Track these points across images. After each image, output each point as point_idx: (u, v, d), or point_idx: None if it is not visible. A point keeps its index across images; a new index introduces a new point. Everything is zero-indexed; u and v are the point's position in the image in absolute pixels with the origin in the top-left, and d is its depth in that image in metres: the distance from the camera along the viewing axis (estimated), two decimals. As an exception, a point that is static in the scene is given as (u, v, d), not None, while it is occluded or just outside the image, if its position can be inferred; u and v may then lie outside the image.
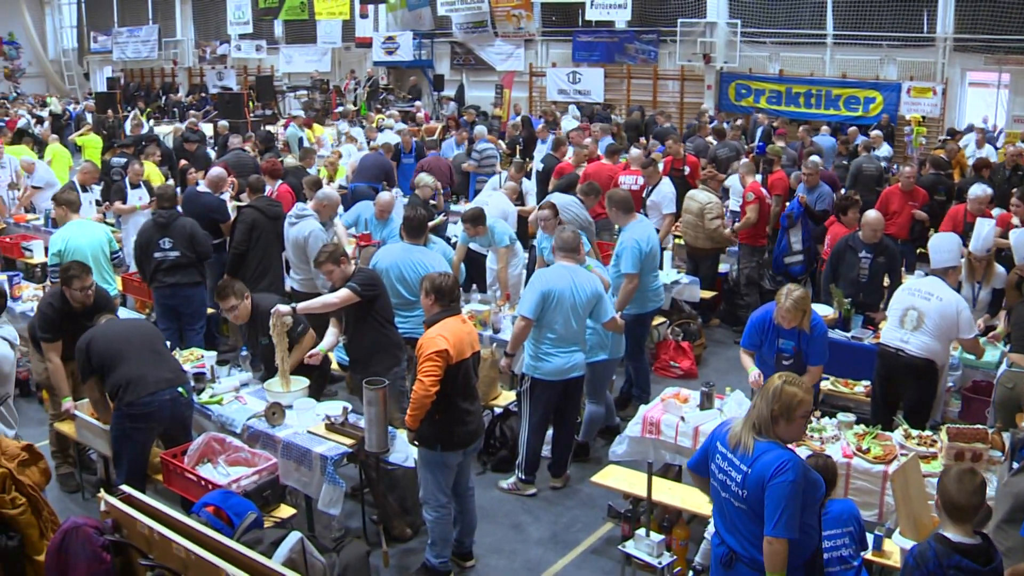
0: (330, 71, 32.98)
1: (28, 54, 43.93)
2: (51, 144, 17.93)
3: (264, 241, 10.03)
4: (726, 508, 4.73)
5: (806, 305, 6.94)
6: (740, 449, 4.61)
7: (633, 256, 8.67)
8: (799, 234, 11.39)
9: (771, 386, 4.60)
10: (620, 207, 9.06)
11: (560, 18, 27.45)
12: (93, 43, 43.13)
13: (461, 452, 6.40)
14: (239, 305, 7.49)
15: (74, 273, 7.43)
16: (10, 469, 4.16)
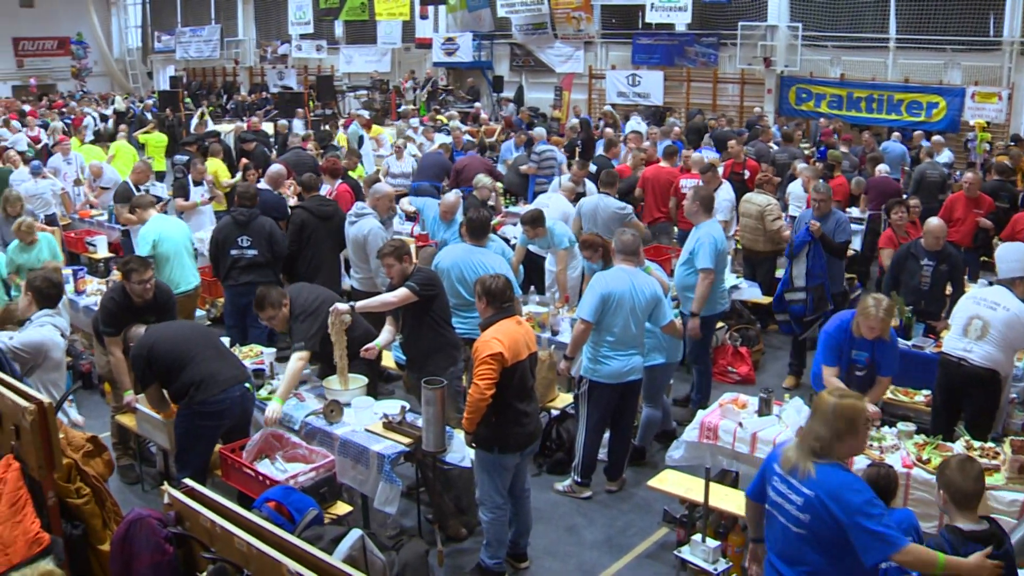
0: (390, 71, 33.11)
1: (94, 53, 44.69)
2: (116, 141, 18.21)
3: (315, 241, 10.12)
4: (783, 534, 4.61)
5: (895, 314, 6.88)
6: (799, 473, 4.47)
7: (710, 252, 8.72)
8: (803, 267, 9.74)
9: (825, 406, 4.47)
10: (704, 204, 9.04)
11: (620, 20, 27.33)
12: (157, 43, 43.75)
13: (518, 454, 6.41)
14: (276, 315, 7.46)
15: (133, 267, 7.55)
16: (75, 460, 4.23)
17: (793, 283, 9.76)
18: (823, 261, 9.69)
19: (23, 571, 3.83)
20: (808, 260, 9.65)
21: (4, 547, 3.86)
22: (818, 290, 9.71)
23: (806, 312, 9.75)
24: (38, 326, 6.88)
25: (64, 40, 44.67)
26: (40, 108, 32.13)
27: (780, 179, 13.24)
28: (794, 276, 9.75)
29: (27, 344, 6.66)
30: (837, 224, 9.97)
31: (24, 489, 3.97)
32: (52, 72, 44.38)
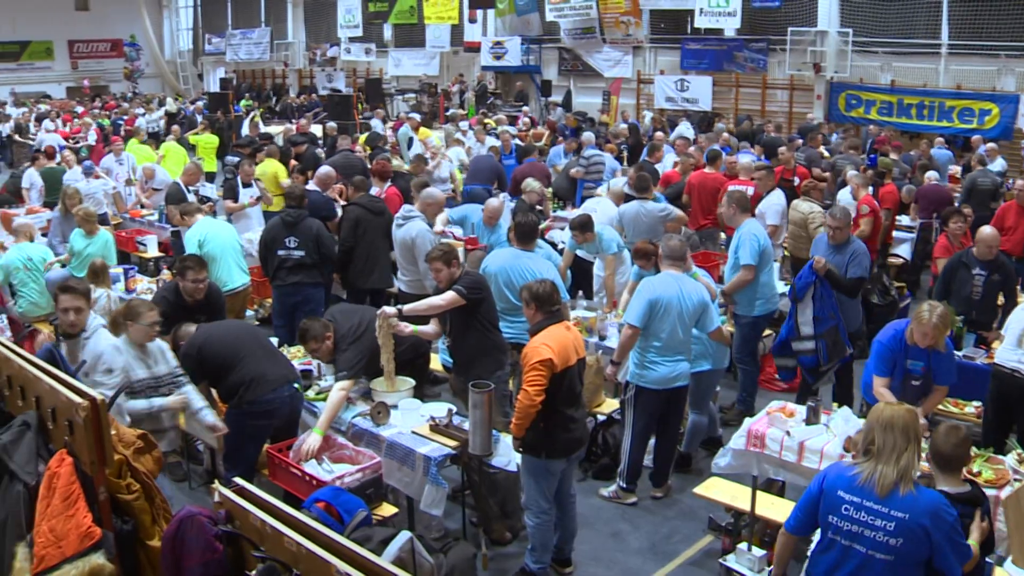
0: (438, 75, 33.23)
1: (146, 55, 45.28)
2: (167, 141, 18.41)
3: (370, 236, 10.17)
4: (862, 564, 4.47)
5: (949, 322, 6.80)
6: (891, 495, 4.37)
7: (753, 248, 8.74)
8: (809, 312, 8.53)
9: (906, 420, 4.46)
10: (739, 205, 9.03)
11: (669, 25, 27.25)
12: (207, 45, 44.26)
13: (565, 459, 6.40)
14: (320, 347, 7.38)
15: (189, 265, 7.65)
16: (126, 456, 4.26)
17: (799, 331, 8.57)
18: (832, 301, 8.54)
19: (75, 564, 3.87)
20: (815, 303, 8.49)
21: (57, 540, 3.91)
22: (831, 335, 8.56)
23: (819, 363, 8.61)
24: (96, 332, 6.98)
25: (117, 42, 45.36)
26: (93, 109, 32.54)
27: (824, 185, 13.14)
28: (800, 323, 8.55)
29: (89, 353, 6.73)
30: (852, 257, 8.80)
31: (77, 484, 4.01)
32: (105, 73, 45.05)
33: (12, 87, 40.51)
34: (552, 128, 22.37)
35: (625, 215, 10.97)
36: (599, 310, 9.45)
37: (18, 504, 4.18)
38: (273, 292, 10.11)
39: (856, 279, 8.78)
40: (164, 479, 7.76)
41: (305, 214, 9.89)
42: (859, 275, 8.80)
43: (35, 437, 4.31)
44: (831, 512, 4.55)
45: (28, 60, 43.47)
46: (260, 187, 13.55)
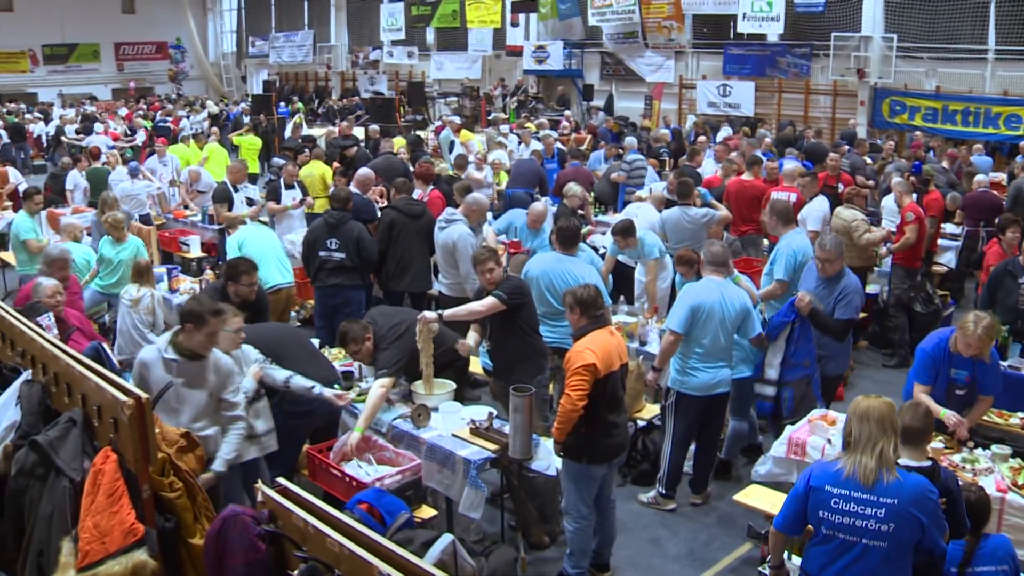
0: (480, 78, 33.28)
1: (191, 57, 45.75)
2: (209, 143, 18.55)
3: (404, 239, 10.18)
4: (860, 555, 4.58)
5: (995, 333, 6.72)
6: (877, 483, 4.50)
7: (788, 263, 8.70)
8: (779, 356, 7.63)
9: (885, 410, 4.62)
10: (780, 217, 8.99)
11: (711, 30, 27.17)
12: (251, 47, 44.65)
13: (605, 465, 6.39)
14: (360, 349, 7.41)
15: (243, 269, 7.71)
16: (169, 454, 4.31)
17: (764, 372, 7.76)
18: (811, 346, 7.64)
19: (119, 560, 3.91)
20: (789, 346, 7.60)
21: (101, 536, 3.95)
22: (800, 386, 7.65)
23: (780, 413, 7.73)
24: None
25: (162, 45, 45.91)
26: (138, 110, 32.87)
27: (868, 192, 13.02)
28: (766, 365, 7.71)
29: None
30: (842, 293, 7.84)
31: (121, 481, 4.05)
32: (150, 75, 45.55)
33: (60, 89, 41.15)
34: (594, 132, 22.33)
35: (667, 220, 10.94)
36: (640, 315, 9.42)
37: (64, 499, 4.24)
38: (315, 293, 10.17)
39: (845, 321, 7.82)
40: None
41: (348, 217, 9.93)
42: (848, 317, 7.82)
43: (81, 434, 4.37)
44: (821, 508, 4.65)
45: (75, 62, 44.07)
46: (303, 188, 13.62)
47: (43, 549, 4.30)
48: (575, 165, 15.38)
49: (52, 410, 4.76)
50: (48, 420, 4.67)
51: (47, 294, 7.42)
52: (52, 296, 7.43)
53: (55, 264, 8.41)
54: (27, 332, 5.08)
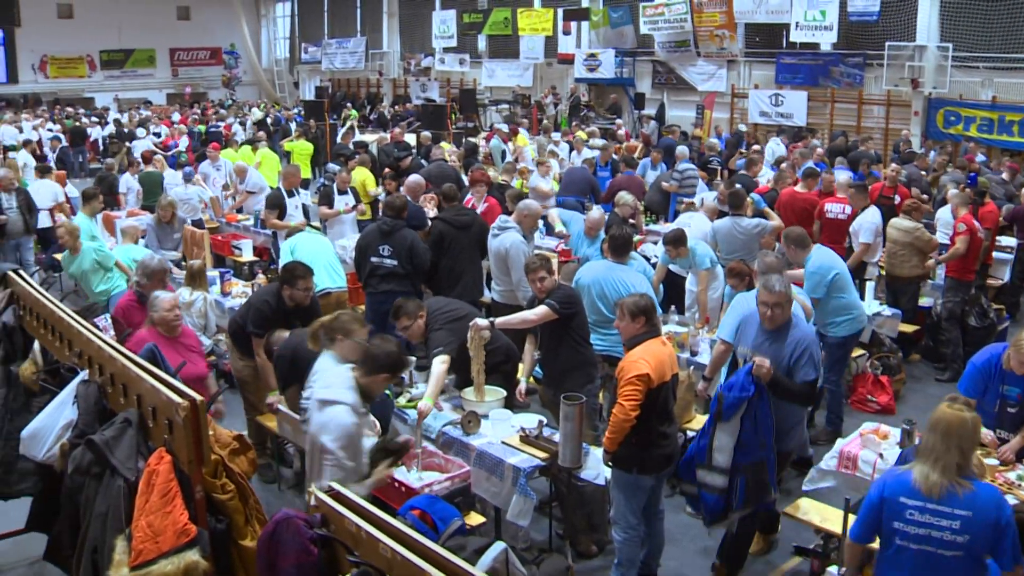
0: (531, 86, 33.33)
1: (244, 63, 46.28)
2: (260, 148, 18.71)
3: (454, 250, 10.18)
4: (933, 565, 4.55)
5: None
6: (950, 495, 4.48)
7: (815, 282, 8.74)
8: (731, 438, 6.15)
9: (955, 422, 4.55)
10: (795, 243, 8.90)
11: (764, 39, 27.02)
12: (304, 53, 45.10)
13: (655, 475, 6.36)
14: (411, 325, 7.51)
15: (300, 274, 7.77)
16: (222, 456, 4.34)
17: (711, 457, 6.23)
18: (770, 422, 6.21)
19: (171, 559, 3.94)
20: (744, 425, 6.14)
21: (155, 535, 3.99)
22: (755, 471, 6.23)
23: (729, 506, 6.28)
24: None
25: (216, 50, 46.53)
26: (192, 115, 33.24)
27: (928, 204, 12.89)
28: (714, 449, 6.20)
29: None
30: (798, 348, 6.38)
31: (175, 481, 4.08)
32: (204, 80, 46.14)
33: (116, 93, 41.80)
34: (646, 142, 22.27)
35: (719, 231, 10.88)
36: (691, 325, 9.37)
37: (119, 498, 4.28)
38: (366, 299, 10.20)
39: (810, 383, 6.41)
40: (254, 481, 7.86)
41: (402, 224, 9.94)
42: (814, 377, 6.43)
43: (136, 434, 4.41)
44: (895, 519, 4.62)
45: (131, 67, 44.90)
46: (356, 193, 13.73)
47: (98, 546, 4.35)
48: (628, 174, 15.34)
49: (108, 410, 4.82)
50: (104, 420, 4.72)
51: (164, 308, 6.99)
52: (171, 310, 7.02)
53: (155, 276, 8.16)
54: (84, 333, 5.14)
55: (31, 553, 6.70)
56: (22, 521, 6.27)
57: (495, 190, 12.95)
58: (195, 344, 7.31)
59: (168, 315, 6.97)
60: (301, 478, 8.22)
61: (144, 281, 8.10)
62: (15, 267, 6.59)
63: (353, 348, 6.17)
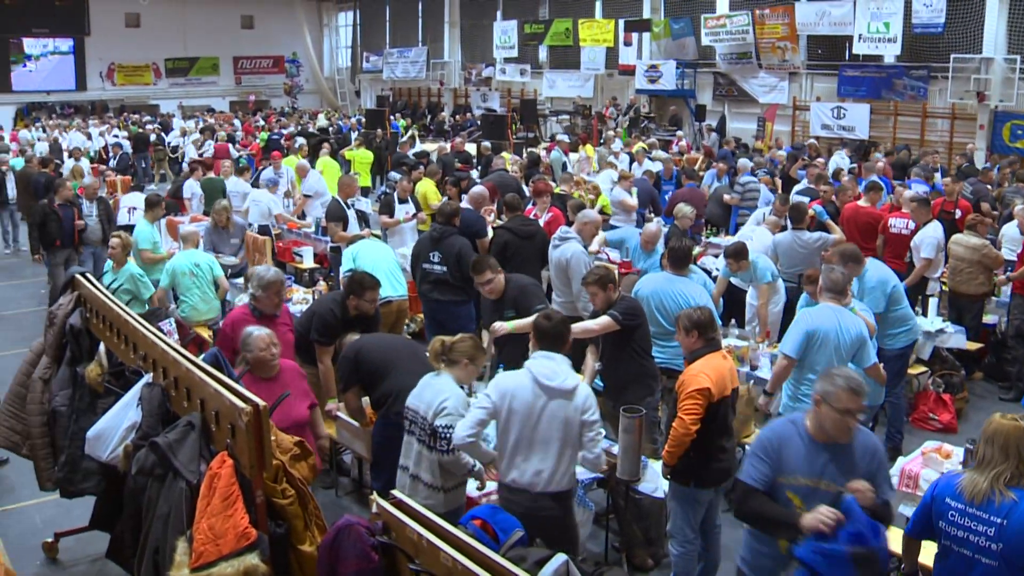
0: (592, 97, 33.33)
1: (306, 72, 46.78)
2: (321, 156, 18.85)
3: (517, 260, 10.15)
4: (970, 568, 4.58)
5: None
6: (989, 502, 4.50)
7: (878, 296, 8.65)
8: None
9: (1014, 432, 4.53)
10: (849, 259, 8.77)
11: (826, 51, 26.76)
12: (365, 62, 45.46)
13: (713, 489, 6.32)
14: (494, 279, 7.83)
15: (368, 285, 7.82)
16: (283, 462, 4.37)
17: None
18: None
19: (231, 562, 3.98)
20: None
21: (215, 537, 4.02)
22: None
23: None
24: None
25: (279, 59, 47.10)
26: (255, 122, 33.61)
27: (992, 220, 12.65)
28: None
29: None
30: (874, 460, 4.93)
31: (236, 485, 4.12)
32: (266, 88, 46.70)
33: (180, 100, 42.46)
34: (708, 154, 22.17)
35: (780, 245, 10.80)
36: (751, 339, 9.30)
37: (180, 500, 4.33)
38: (421, 306, 10.27)
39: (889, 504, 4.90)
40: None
41: (451, 231, 9.96)
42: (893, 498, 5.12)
43: (198, 438, 4.46)
44: (940, 519, 4.69)
45: (196, 75, 45.60)
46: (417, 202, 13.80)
47: (159, 547, 4.39)
48: (691, 186, 15.28)
49: (171, 413, 4.87)
50: (167, 423, 4.78)
51: (260, 347, 6.27)
52: (266, 349, 6.29)
53: (271, 287, 7.63)
54: (149, 336, 5.21)
55: (94, 551, 6.83)
56: (85, 519, 6.39)
57: (556, 200, 12.95)
58: (297, 383, 6.57)
59: (264, 355, 6.30)
60: (359, 485, 8.29)
61: (260, 293, 7.60)
62: (83, 270, 6.68)
63: (473, 373, 6.29)
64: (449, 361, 6.09)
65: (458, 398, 5.90)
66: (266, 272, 7.83)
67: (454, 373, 6.06)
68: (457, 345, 6.10)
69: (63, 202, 13.36)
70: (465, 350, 6.09)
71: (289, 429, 5.41)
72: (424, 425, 5.90)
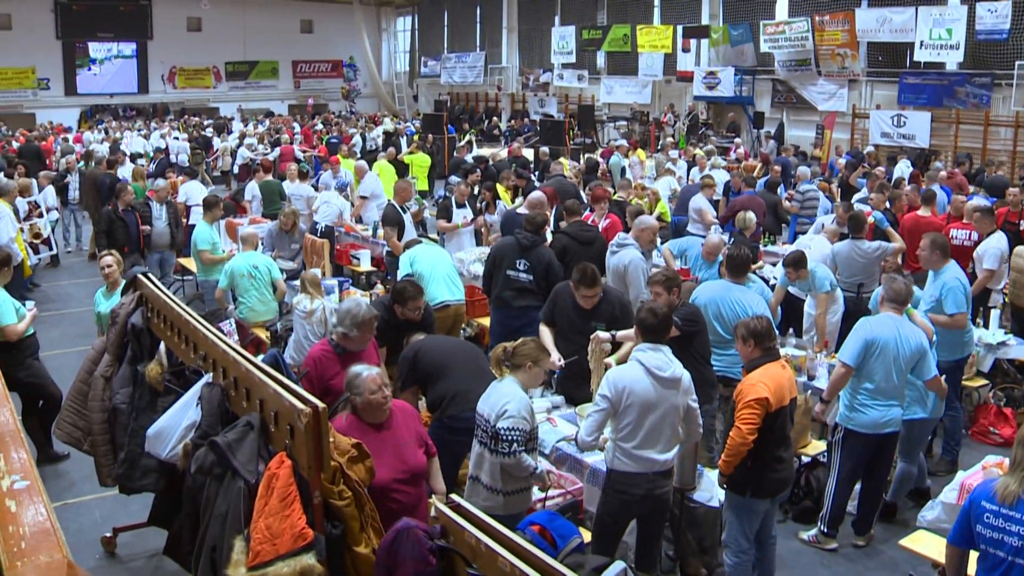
0: (650, 103, 33.23)
1: (364, 76, 47.09)
2: (379, 161, 18.96)
3: (575, 266, 10.09)
4: (1007, 570, 4.62)
5: None
6: (1020, 502, 4.58)
7: (959, 296, 8.43)
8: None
9: None
10: (941, 250, 8.68)
11: (887, 58, 26.44)
12: (423, 67, 45.67)
13: (769, 500, 6.29)
14: (599, 292, 7.90)
15: (410, 295, 7.85)
16: (340, 463, 4.39)
17: None
18: None
19: (287, 562, 4.01)
20: None
21: (272, 537, 4.05)
22: None
23: None
24: None
25: (337, 63, 47.49)
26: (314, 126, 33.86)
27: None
28: None
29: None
30: None
31: (294, 486, 4.15)
32: (324, 92, 47.08)
33: (239, 104, 42.94)
34: (765, 161, 22.01)
35: (839, 254, 10.70)
36: (809, 349, 9.23)
37: (238, 499, 4.37)
38: (494, 313, 10.02)
39: None
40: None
41: (540, 240, 9.86)
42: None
43: (257, 438, 4.50)
44: (977, 522, 4.74)
45: (255, 79, 46.08)
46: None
47: (216, 545, 4.44)
48: (749, 193, 15.18)
49: (230, 413, 4.92)
50: (226, 422, 4.83)
51: (371, 389, 5.41)
52: (378, 391, 5.45)
53: (365, 326, 6.81)
54: (209, 337, 5.26)
55: (151, 547, 6.92)
56: (143, 515, 6.47)
57: (613, 206, 12.92)
58: (412, 426, 5.79)
59: (376, 398, 5.45)
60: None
61: (354, 332, 6.74)
62: (144, 270, 6.77)
63: (538, 376, 6.27)
64: (513, 366, 6.10)
65: (520, 401, 5.93)
66: (358, 308, 6.85)
67: (518, 377, 6.08)
68: (520, 349, 6.12)
69: (126, 207, 13.38)
70: (528, 353, 6.10)
71: (406, 480, 5.34)
72: (487, 428, 5.92)
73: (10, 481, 3.22)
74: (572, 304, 8.06)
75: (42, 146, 25.88)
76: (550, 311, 8.30)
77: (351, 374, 5.52)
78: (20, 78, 40.80)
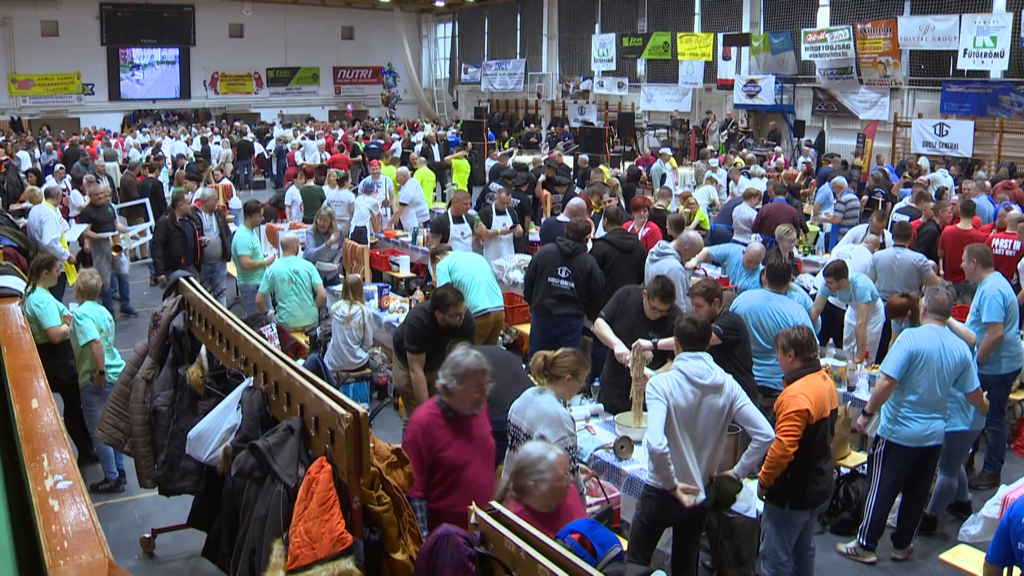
0: (690, 111, 33.14)
1: (403, 82, 47.31)
2: (419, 167, 19.02)
3: (616, 272, 10.11)
4: None
5: None
6: None
7: (996, 305, 8.29)
8: None
9: None
10: (980, 260, 8.60)
11: (929, 67, 26.23)
12: (463, 74, 45.83)
13: (808, 511, 6.24)
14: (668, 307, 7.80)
15: (451, 301, 7.86)
16: (380, 469, 4.40)
17: None
18: None
19: (326, 566, 4.02)
20: None
21: (311, 541, 4.07)
22: None
23: None
24: None
25: (378, 69, 47.74)
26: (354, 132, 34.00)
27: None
28: None
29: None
30: None
31: (334, 491, 4.16)
32: (365, 99, 47.35)
33: (280, 109, 43.27)
34: (809, 171, 21.89)
35: (880, 263, 10.62)
36: (849, 359, 9.17)
37: (278, 503, 4.39)
38: (534, 320, 10.01)
39: None
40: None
41: (583, 248, 9.86)
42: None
43: (297, 442, 4.52)
44: (1019, 539, 4.69)
45: (296, 84, 46.40)
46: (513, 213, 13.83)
47: (255, 548, 4.46)
48: (779, 200, 15.09)
49: (270, 417, 4.94)
50: (266, 426, 4.85)
51: (559, 475, 4.60)
52: (564, 476, 4.67)
53: (470, 378, 5.48)
54: (251, 341, 5.29)
55: (189, 548, 6.98)
56: (182, 517, 6.50)
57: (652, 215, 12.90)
58: (578, 508, 5.11)
59: (561, 484, 4.64)
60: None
61: (454, 385, 5.49)
62: (186, 274, 6.82)
63: (575, 388, 6.25)
64: (551, 376, 6.07)
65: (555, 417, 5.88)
66: (463, 357, 5.56)
67: (556, 389, 6.04)
68: (560, 360, 6.07)
69: (183, 216, 12.64)
70: (568, 365, 6.06)
71: None
72: (521, 438, 5.91)
73: (53, 481, 3.25)
74: (637, 310, 8.01)
75: (87, 150, 26.17)
76: (613, 309, 8.20)
77: (530, 459, 4.60)
78: (66, 83, 41.33)
